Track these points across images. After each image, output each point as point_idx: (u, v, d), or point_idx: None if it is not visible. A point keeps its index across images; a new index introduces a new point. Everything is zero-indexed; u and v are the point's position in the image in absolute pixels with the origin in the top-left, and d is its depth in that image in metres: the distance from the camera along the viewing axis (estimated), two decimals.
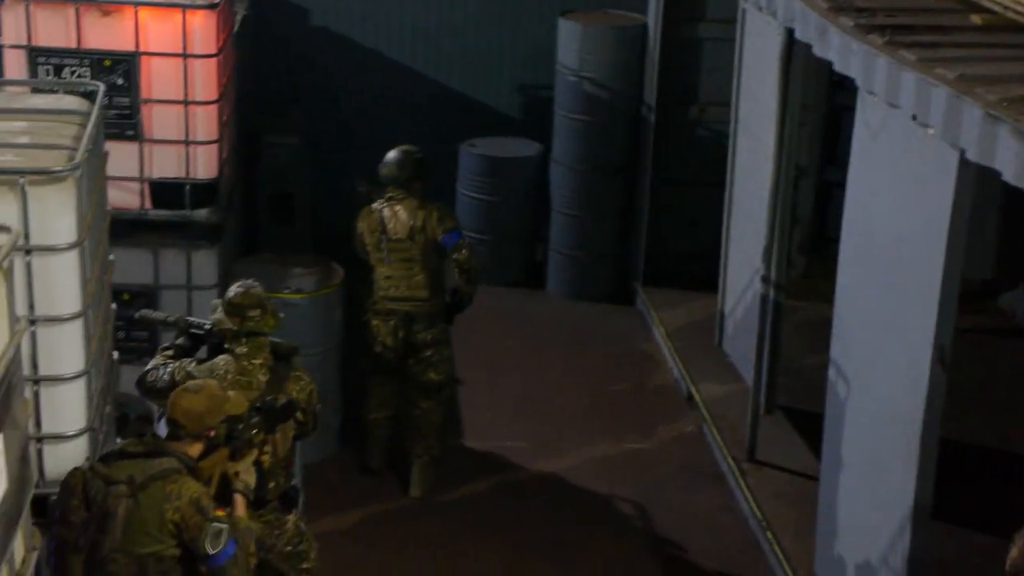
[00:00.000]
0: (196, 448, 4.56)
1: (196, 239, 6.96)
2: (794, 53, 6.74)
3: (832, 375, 5.93)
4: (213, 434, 4.57)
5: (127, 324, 6.77)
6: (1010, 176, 4.31)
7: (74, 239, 4.55)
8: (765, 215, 7.03)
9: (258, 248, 8.60)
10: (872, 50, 5.24)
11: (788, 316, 7.39)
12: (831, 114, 9.01)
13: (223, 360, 5.18)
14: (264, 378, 5.15)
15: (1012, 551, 3.88)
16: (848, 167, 5.78)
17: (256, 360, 5.18)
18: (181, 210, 6.91)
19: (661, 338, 8.60)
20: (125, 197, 6.81)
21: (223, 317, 5.24)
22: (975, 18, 5.59)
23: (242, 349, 5.20)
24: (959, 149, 4.65)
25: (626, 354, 8.65)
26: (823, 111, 8.98)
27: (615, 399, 8.09)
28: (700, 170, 8.92)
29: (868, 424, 5.62)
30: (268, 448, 5.08)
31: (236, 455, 4.72)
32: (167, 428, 4.59)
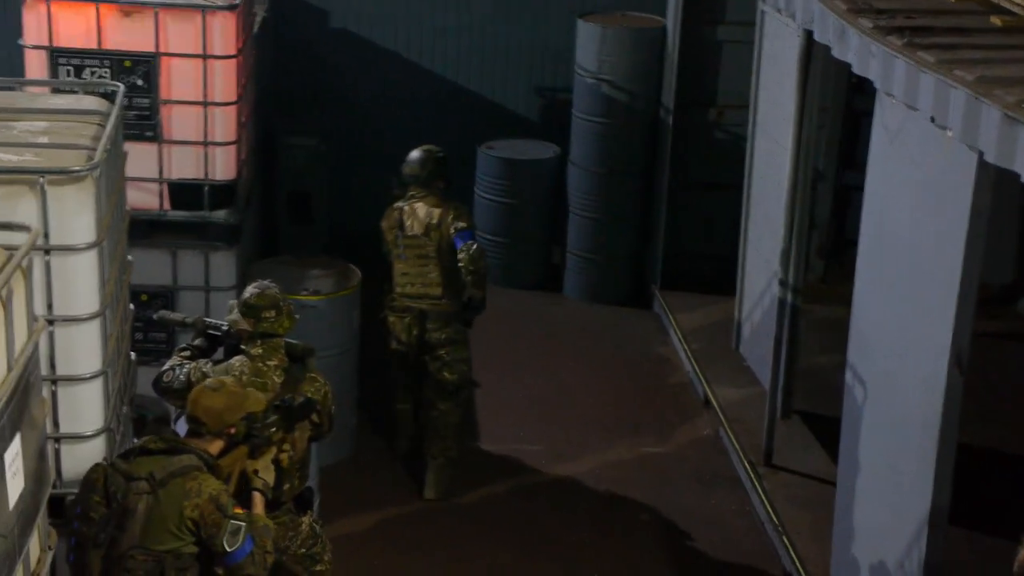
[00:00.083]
0: (216, 445, 4.59)
1: (214, 240, 6.99)
2: (813, 55, 6.71)
3: (849, 379, 5.90)
4: (233, 431, 4.59)
5: (145, 325, 6.81)
6: None
7: (93, 239, 4.57)
8: (783, 218, 7.01)
9: (276, 249, 8.63)
10: (891, 52, 5.21)
11: (806, 320, 7.36)
12: (850, 118, 8.98)
13: (238, 361, 5.19)
14: (279, 380, 5.16)
15: (1020, 553, 3.87)
16: (866, 170, 5.76)
17: (271, 362, 5.20)
18: (199, 211, 6.94)
19: (678, 341, 8.58)
20: (144, 198, 6.85)
21: (238, 318, 5.26)
22: (995, 20, 5.57)
23: (257, 350, 5.21)
24: (978, 151, 4.62)
25: (643, 357, 8.64)
26: (842, 114, 8.95)
27: (631, 402, 8.08)
28: (718, 173, 8.89)
29: (885, 428, 5.59)
30: (287, 447, 5.10)
31: (255, 453, 4.74)
32: (187, 425, 4.61)
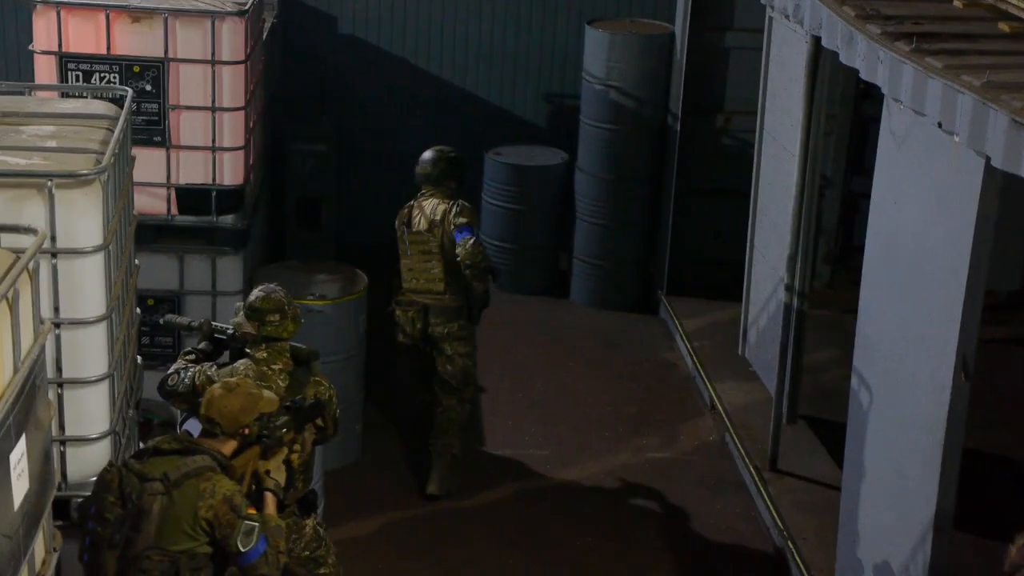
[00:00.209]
0: (229, 446, 4.61)
1: (221, 245, 7.02)
2: (820, 61, 6.72)
3: (855, 384, 5.90)
4: (247, 432, 4.61)
5: (152, 329, 6.83)
6: None
7: (99, 242, 4.59)
8: (790, 224, 7.01)
9: (284, 254, 8.66)
10: (898, 57, 5.21)
11: (812, 326, 7.35)
12: (858, 124, 8.98)
13: (243, 365, 5.21)
14: (283, 383, 5.17)
15: (1011, 550, 3.87)
16: (873, 176, 5.76)
17: (276, 365, 5.21)
18: (207, 216, 6.96)
19: (684, 346, 8.58)
20: (152, 203, 6.88)
21: (243, 321, 5.27)
22: (1003, 26, 5.57)
23: (262, 354, 5.22)
24: (984, 156, 4.62)
25: (649, 362, 8.64)
26: (850, 121, 8.95)
27: (637, 407, 8.08)
28: (725, 179, 8.90)
29: (891, 433, 5.58)
30: (297, 447, 5.12)
31: (267, 453, 4.76)
32: (202, 426, 4.62)
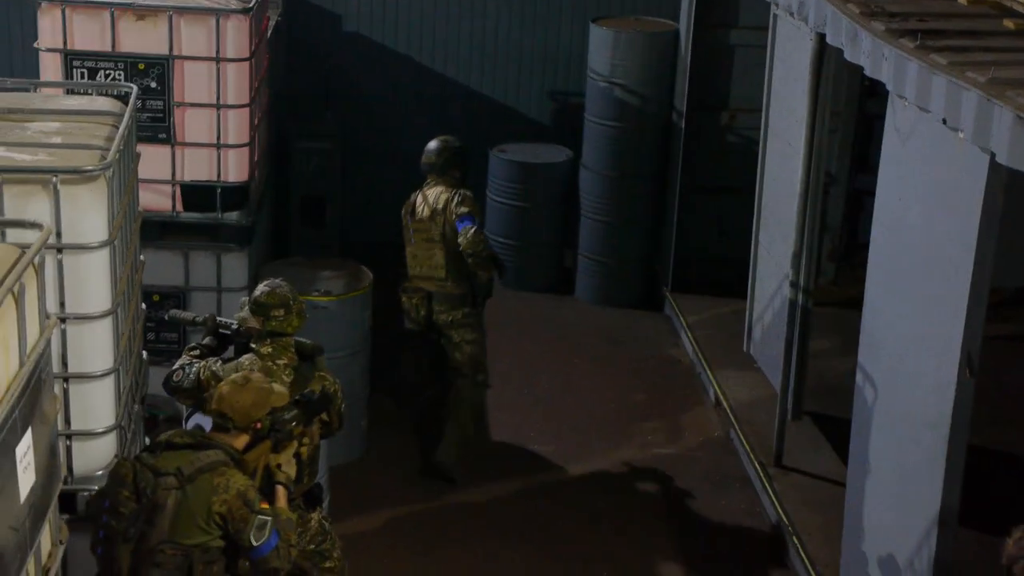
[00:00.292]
0: (241, 440, 4.62)
1: (226, 241, 7.03)
2: (825, 58, 6.71)
3: (860, 380, 5.90)
4: (259, 426, 4.63)
5: (157, 325, 6.84)
6: None
7: (104, 238, 4.60)
8: (794, 221, 7.01)
9: (288, 251, 8.67)
10: (903, 54, 5.21)
11: (817, 322, 7.36)
12: (863, 122, 8.97)
13: (247, 360, 5.21)
14: (288, 379, 5.17)
15: (1008, 543, 3.88)
16: (878, 172, 5.76)
17: (281, 360, 5.21)
18: (212, 213, 6.98)
19: (689, 343, 8.59)
20: (157, 199, 6.89)
21: (248, 315, 5.28)
22: (1007, 23, 5.57)
23: (267, 349, 5.23)
24: (989, 153, 4.62)
25: (653, 359, 8.64)
26: (855, 118, 8.95)
27: (642, 403, 8.08)
28: (729, 176, 8.90)
29: (895, 429, 5.59)
30: (307, 440, 5.14)
31: (278, 447, 4.78)
32: (213, 420, 4.64)
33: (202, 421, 5.05)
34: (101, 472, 4.77)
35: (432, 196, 7.01)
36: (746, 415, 7.57)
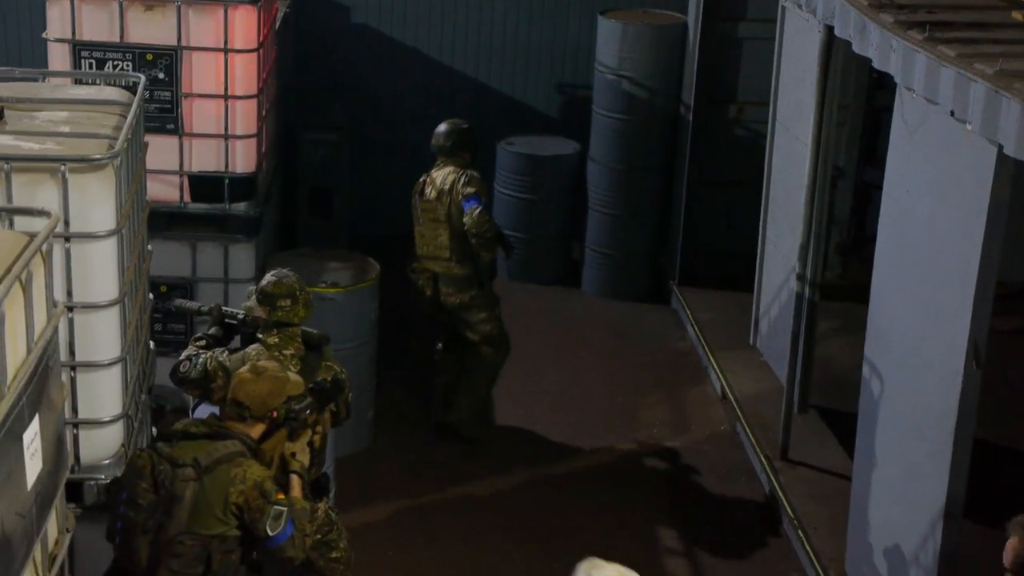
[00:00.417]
0: (257, 429, 4.64)
1: (234, 232, 7.04)
2: (833, 51, 6.70)
3: (866, 373, 5.90)
4: (275, 415, 4.64)
5: (164, 316, 6.86)
6: None
7: (112, 227, 4.61)
8: (802, 214, 7.00)
9: (296, 243, 8.67)
10: (911, 46, 5.20)
11: (823, 316, 7.35)
12: (871, 115, 8.95)
13: (254, 350, 5.22)
14: (295, 369, 5.17)
15: (1012, 540, 3.86)
16: (886, 164, 5.75)
17: (287, 351, 5.22)
18: (219, 204, 6.98)
19: (695, 336, 8.58)
20: (164, 190, 6.90)
21: (254, 305, 5.29)
22: (1016, 15, 5.55)
23: (273, 339, 5.24)
24: (997, 144, 4.61)
25: (660, 352, 8.64)
26: (863, 112, 8.93)
27: (648, 397, 8.08)
28: (737, 169, 8.88)
29: (902, 422, 5.58)
30: (319, 428, 5.15)
31: (293, 436, 4.79)
32: (230, 410, 4.64)
33: (208, 412, 5.06)
34: (108, 461, 4.79)
35: (440, 177, 7.14)
36: (752, 408, 7.56)
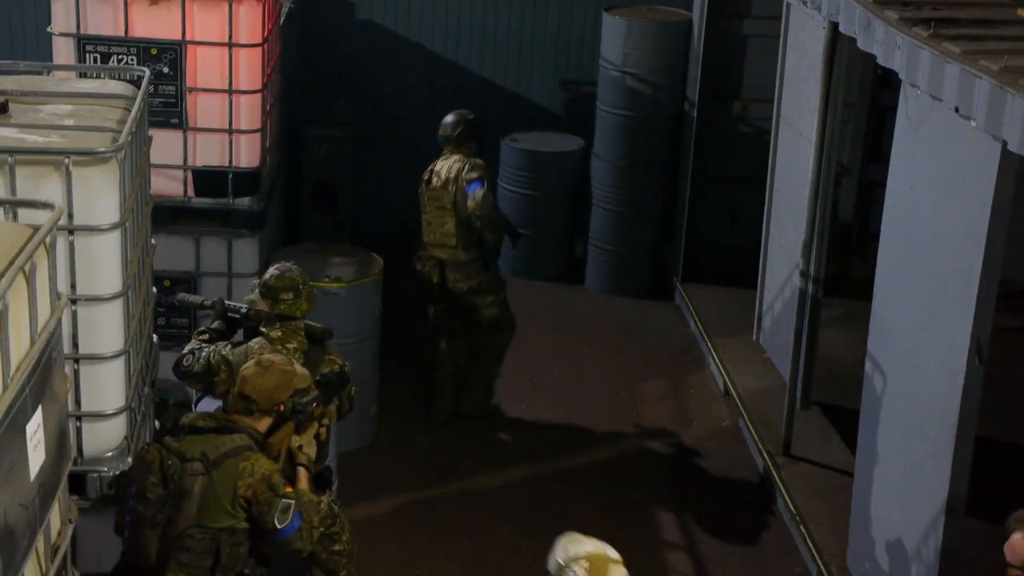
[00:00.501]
0: (264, 423, 4.66)
1: (237, 227, 7.04)
2: (838, 48, 6.70)
3: (869, 369, 5.90)
4: (282, 408, 4.65)
5: (168, 310, 6.86)
6: None
7: (116, 220, 4.62)
8: (806, 210, 7.00)
9: (300, 238, 8.68)
10: (916, 42, 5.20)
11: (826, 312, 7.34)
12: (875, 113, 8.95)
13: (257, 344, 5.22)
14: (298, 363, 5.18)
15: (1015, 537, 3.85)
16: (890, 161, 5.74)
17: (290, 344, 5.22)
18: (223, 198, 6.98)
19: (698, 332, 8.58)
20: (168, 184, 6.90)
21: (257, 298, 5.30)
22: (1021, 12, 5.55)
23: (276, 333, 5.24)
24: (1001, 141, 4.61)
25: (663, 348, 8.64)
26: (867, 110, 8.93)
27: (651, 393, 8.09)
28: (741, 166, 8.88)
29: (904, 419, 5.58)
30: (326, 421, 5.17)
31: (299, 429, 4.80)
32: (237, 403, 4.65)
33: (212, 406, 5.06)
34: (111, 454, 4.80)
35: (446, 166, 7.27)
36: (755, 404, 7.56)
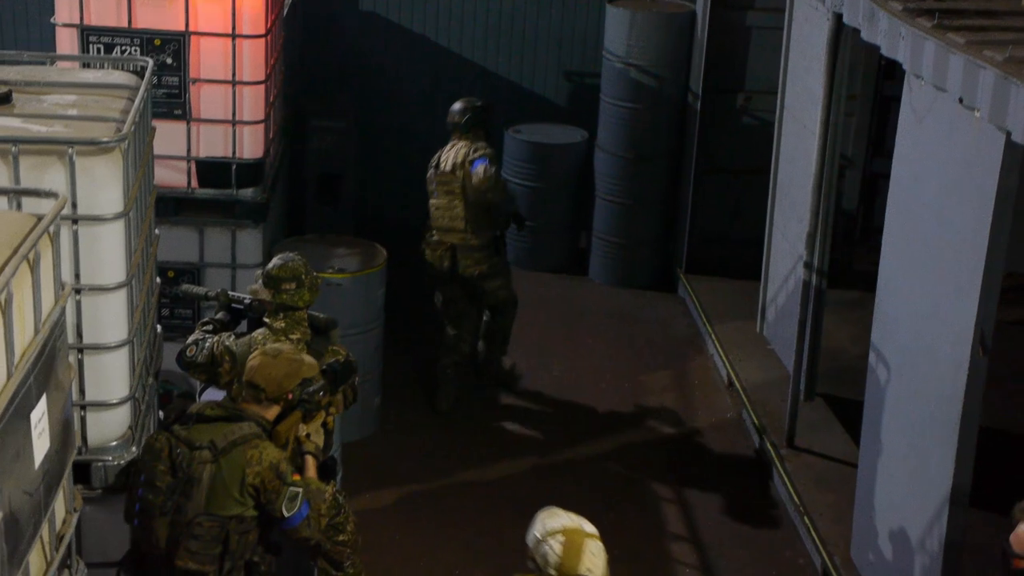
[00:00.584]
0: (273, 411, 4.67)
1: (241, 218, 7.04)
2: (842, 39, 6.69)
3: (873, 360, 5.90)
4: (291, 397, 4.67)
5: (172, 301, 6.87)
6: None
7: (120, 209, 4.61)
8: (809, 202, 6.99)
9: (304, 229, 8.68)
10: (920, 33, 5.19)
11: (830, 304, 7.34)
12: (880, 105, 8.94)
13: (260, 334, 5.23)
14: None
15: (1019, 528, 3.85)
16: (894, 152, 5.74)
17: (294, 335, 5.23)
18: (227, 189, 6.98)
19: (702, 324, 8.58)
20: (172, 176, 6.90)
21: (260, 288, 5.30)
22: None
23: (279, 324, 5.25)
24: (1005, 131, 4.60)
25: (667, 340, 8.65)
26: (871, 102, 8.91)
27: (655, 384, 8.09)
28: (745, 158, 8.88)
29: (908, 409, 5.58)
30: (333, 409, 5.18)
31: (307, 417, 4.81)
32: (246, 392, 4.66)
33: (215, 396, 5.07)
34: (115, 443, 4.80)
35: (454, 152, 7.34)
36: (759, 396, 7.57)
